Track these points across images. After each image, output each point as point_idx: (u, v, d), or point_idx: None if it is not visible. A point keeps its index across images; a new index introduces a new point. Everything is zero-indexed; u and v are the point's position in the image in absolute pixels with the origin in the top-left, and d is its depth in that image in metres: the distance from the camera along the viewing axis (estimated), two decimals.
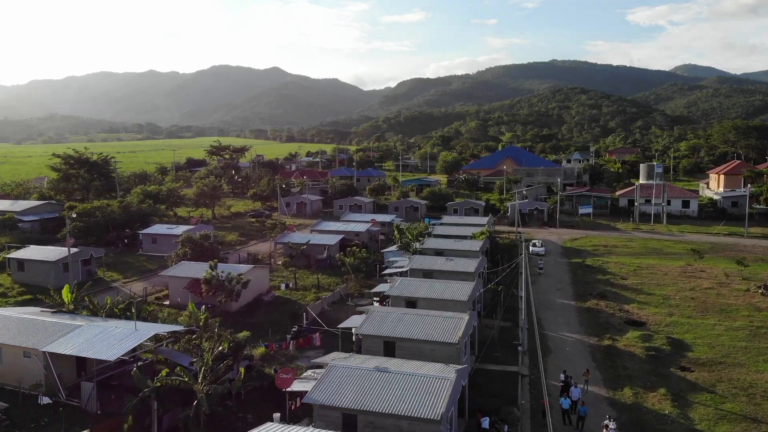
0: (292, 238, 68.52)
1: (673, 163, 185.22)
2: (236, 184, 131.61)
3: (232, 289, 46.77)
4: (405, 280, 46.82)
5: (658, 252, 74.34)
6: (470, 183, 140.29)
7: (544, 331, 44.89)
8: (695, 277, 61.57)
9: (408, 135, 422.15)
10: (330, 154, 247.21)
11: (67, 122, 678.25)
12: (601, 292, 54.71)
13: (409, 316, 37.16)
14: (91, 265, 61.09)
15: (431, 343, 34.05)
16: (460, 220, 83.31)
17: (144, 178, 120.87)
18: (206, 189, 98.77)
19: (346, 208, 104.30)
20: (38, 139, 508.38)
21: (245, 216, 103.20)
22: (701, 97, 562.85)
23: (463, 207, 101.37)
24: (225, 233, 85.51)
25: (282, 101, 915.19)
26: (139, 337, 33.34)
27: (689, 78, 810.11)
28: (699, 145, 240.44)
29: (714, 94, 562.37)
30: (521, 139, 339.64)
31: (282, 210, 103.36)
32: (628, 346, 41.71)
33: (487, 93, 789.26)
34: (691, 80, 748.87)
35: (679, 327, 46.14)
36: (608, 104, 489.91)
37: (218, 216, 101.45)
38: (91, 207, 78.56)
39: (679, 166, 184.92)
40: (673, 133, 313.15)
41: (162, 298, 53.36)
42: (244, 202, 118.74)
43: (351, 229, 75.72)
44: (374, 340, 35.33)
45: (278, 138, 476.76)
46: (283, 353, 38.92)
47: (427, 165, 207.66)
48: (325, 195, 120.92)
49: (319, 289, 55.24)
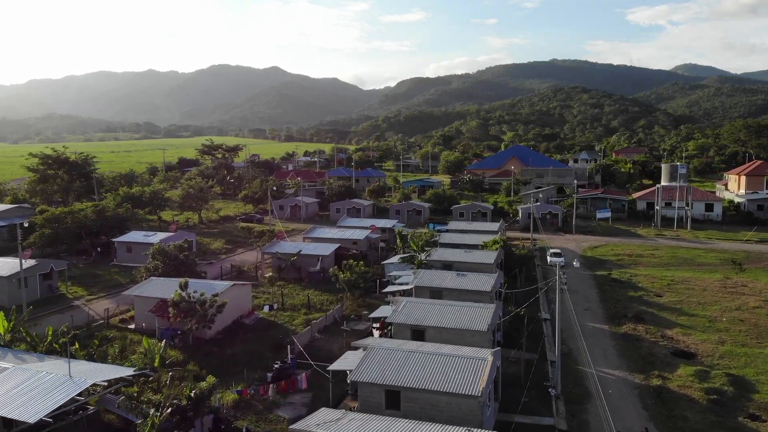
0: (281, 248, 61.00)
1: (684, 163, 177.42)
2: (228, 185, 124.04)
3: (205, 313, 39.38)
4: (410, 303, 39.39)
5: (690, 263, 66.86)
6: (475, 184, 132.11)
7: (577, 366, 37.49)
8: (738, 293, 54.16)
9: (408, 134, 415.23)
10: (328, 154, 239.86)
11: (65, 122, 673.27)
12: (636, 314, 47.27)
13: (418, 355, 29.74)
14: (52, 280, 53.69)
15: (447, 395, 26.64)
16: (468, 226, 75.75)
17: (131, 179, 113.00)
18: (192, 191, 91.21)
19: (343, 211, 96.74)
20: (35, 138, 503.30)
21: (235, 220, 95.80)
22: (703, 97, 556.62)
23: (470, 211, 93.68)
24: (210, 240, 78.10)
25: (282, 101, 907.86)
26: (69, 390, 25.94)
27: (690, 77, 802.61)
28: (707, 144, 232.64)
29: (716, 93, 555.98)
30: (523, 138, 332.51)
31: (275, 213, 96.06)
32: (683, 387, 34.31)
33: (487, 92, 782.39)
34: (692, 80, 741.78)
35: (735, 359, 38.79)
36: (610, 103, 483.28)
37: (206, 220, 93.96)
38: (61, 212, 71.01)
39: (689, 166, 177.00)
40: (680, 132, 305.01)
41: (128, 320, 45.96)
42: (236, 205, 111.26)
43: (348, 236, 68.25)
44: (374, 389, 27.94)
45: (277, 137, 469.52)
46: (261, 400, 31.48)
47: (428, 165, 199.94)
48: (322, 197, 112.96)
49: (309, 310, 47.81)
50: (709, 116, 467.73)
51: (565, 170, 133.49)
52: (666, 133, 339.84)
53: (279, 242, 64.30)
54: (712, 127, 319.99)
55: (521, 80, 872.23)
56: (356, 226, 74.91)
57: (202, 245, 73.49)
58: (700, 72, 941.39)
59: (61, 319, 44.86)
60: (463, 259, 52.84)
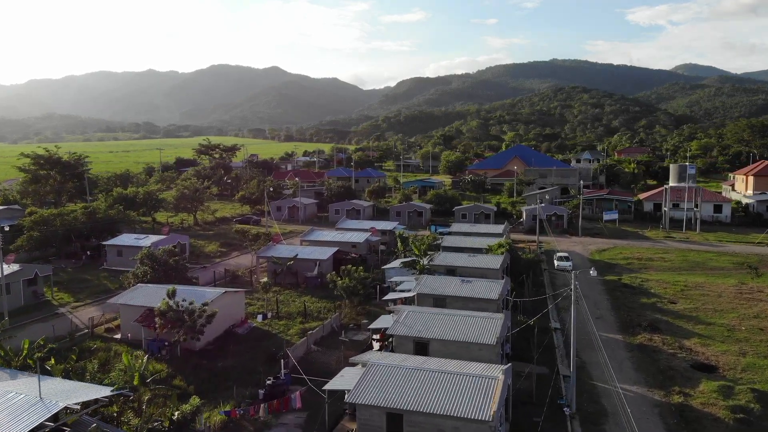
0: (277, 252, 58.52)
1: (692, 163, 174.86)
2: (225, 185, 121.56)
3: (193, 323, 36.95)
4: (413, 313, 36.94)
5: (702, 266, 64.41)
6: (477, 185, 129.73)
7: (592, 381, 35.06)
8: (755, 299, 51.71)
9: (408, 134, 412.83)
10: (328, 154, 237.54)
11: (65, 122, 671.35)
12: (651, 322, 44.80)
13: (422, 373, 27.30)
14: (37, 286, 51.26)
15: (455, 419, 24.20)
16: (471, 228, 73.19)
17: (126, 180, 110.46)
18: (187, 192, 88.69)
19: (342, 212, 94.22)
20: (34, 138, 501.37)
21: (231, 222, 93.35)
22: (703, 97, 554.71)
23: (473, 212, 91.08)
24: (205, 243, 75.64)
25: (281, 101, 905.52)
26: (38, 414, 23.47)
27: (690, 77, 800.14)
28: (710, 144, 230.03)
29: (716, 93, 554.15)
30: (524, 138, 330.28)
31: (273, 215, 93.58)
32: (707, 405, 31.86)
33: (487, 92, 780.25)
34: (692, 80, 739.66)
35: (759, 372, 36.35)
36: (611, 103, 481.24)
37: (201, 222, 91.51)
38: (50, 214, 68.55)
39: None
40: (682, 132, 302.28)
41: (114, 329, 43.51)
42: (233, 206, 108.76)
43: (347, 239, 65.74)
44: (374, 412, 25.50)
45: (276, 137, 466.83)
46: (251, 421, 29.04)
47: (429, 165, 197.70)
48: (321, 198, 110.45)
49: (306, 318, 45.37)
50: (710, 116, 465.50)
51: (570, 170, 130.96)
52: (668, 133, 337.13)
53: (275, 246, 61.81)
54: (714, 127, 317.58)
55: (521, 80, 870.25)
56: (355, 229, 72.44)
57: (196, 248, 71.08)
58: (701, 72, 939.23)
59: (43, 328, 42.51)
60: (468, 264, 50.39)
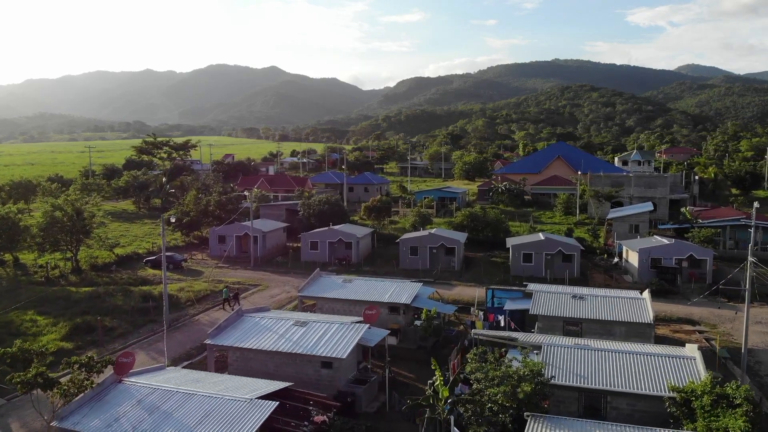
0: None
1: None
2: (169, 196, 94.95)
3: None
4: None
5: None
6: (514, 195, 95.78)
7: None
8: None
9: (410, 134, 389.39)
10: (320, 154, 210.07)
11: (55, 121, 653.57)
12: None
13: None
14: None
15: None
16: (573, 302, 35.67)
17: (30, 191, 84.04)
18: (61, 217, 53.17)
19: (323, 246, 60.00)
20: (19, 138, 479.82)
21: (142, 261, 59.58)
22: (713, 96, 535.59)
23: (543, 251, 53.30)
24: (47, 324, 39.27)
25: (280, 100, 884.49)
26: None
27: (695, 77, 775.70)
28: (761, 144, 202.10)
29: (726, 93, 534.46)
30: (536, 137, 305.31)
31: (213, 250, 64.16)
32: None
33: (489, 92, 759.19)
34: (698, 80, 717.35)
35: None
36: (621, 102, 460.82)
37: (84, 268, 54.94)
38: None
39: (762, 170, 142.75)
40: (726, 129, 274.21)
41: None
42: (169, 232, 70.03)
43: (308, 350, 28.56)
44: None
45: (271, 137, 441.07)
46: None
47: (440, 168, 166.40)
48: (294, 218, 75.41)
49: None
50: (722, 116, 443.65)
51: (656, 178, 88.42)
52: (690, 133, 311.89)
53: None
54: (738, 127, 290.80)
55: (523, 79, 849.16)
56: (335, 298, 39.02)
57: (37, 335, 37.14)
58: (704, 72, 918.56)
59: None
60: None
